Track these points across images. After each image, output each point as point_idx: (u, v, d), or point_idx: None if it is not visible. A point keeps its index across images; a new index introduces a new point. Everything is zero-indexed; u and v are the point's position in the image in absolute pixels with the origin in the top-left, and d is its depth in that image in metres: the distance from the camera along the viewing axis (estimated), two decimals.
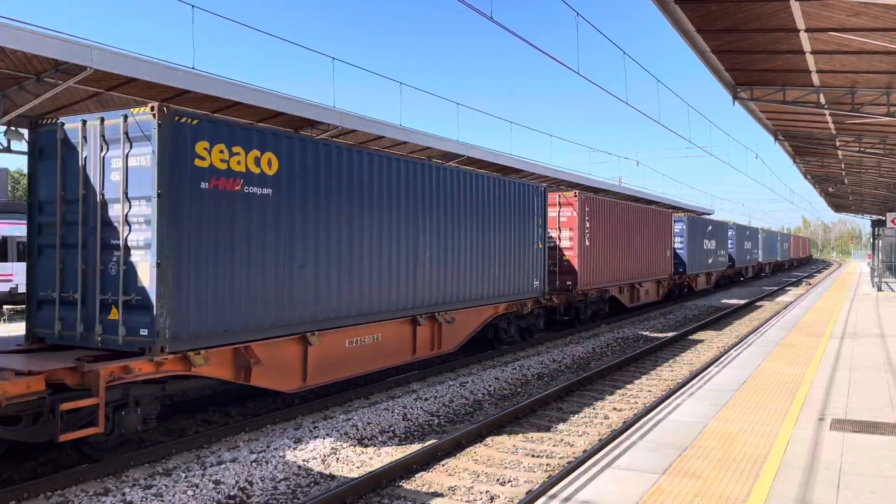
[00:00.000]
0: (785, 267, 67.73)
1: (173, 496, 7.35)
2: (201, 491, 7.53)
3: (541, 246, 17.64)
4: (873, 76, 13.32)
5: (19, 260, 24.35)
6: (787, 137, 21.83)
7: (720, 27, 11.30)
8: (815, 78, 13.78)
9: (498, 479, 8.14)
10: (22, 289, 23.41)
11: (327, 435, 9.58)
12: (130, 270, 8.63)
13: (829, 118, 17.68)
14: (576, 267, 20.11)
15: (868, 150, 21.67)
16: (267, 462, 8.46)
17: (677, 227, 31.25)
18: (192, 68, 12.07)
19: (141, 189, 8.59)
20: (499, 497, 7.60)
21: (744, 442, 7.00)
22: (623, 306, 24.66)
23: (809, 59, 12.45)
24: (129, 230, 8.67)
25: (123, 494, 7.34)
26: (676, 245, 31.19)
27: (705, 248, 34.74)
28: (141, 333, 8.46)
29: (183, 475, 7.96)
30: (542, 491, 7.38)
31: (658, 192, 49.47)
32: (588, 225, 20.82)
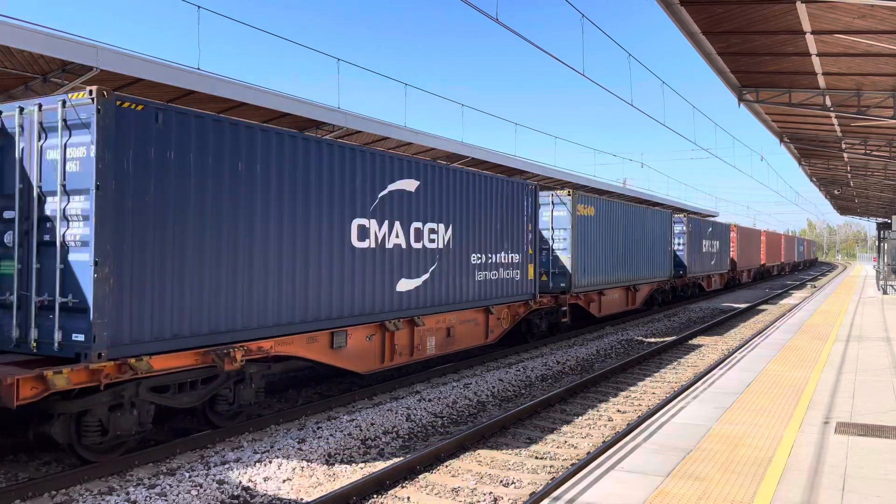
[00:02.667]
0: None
1: (177, 496, 7.36)
2: (205, 491, 7.54)
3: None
4: (879, 78, 13.29)
5: None
6: (793, 140, 21.79)
7: (726, 29, 11.30)
8: (821, 80, 13.76)
9: (501, 481, 8.13)
10: None
11: (331, 435, 9.58)
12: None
13: (835, 120, 17.65)
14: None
15: (874, 153, 21.62)
16: (270, 462, 8.46)
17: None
18: (198, 69, 12.13)
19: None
20: (502, 499, 7.59)
21: (748, 445, 6.99)
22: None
23: (815, 61, 12.43)
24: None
25: (128, 493, 7.36)
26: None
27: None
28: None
29: (187, 475, 7.97)
30: (545, 493, 7.37)
31: (662, 194, 49.41)
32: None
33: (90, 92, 7.60)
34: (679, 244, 30.66)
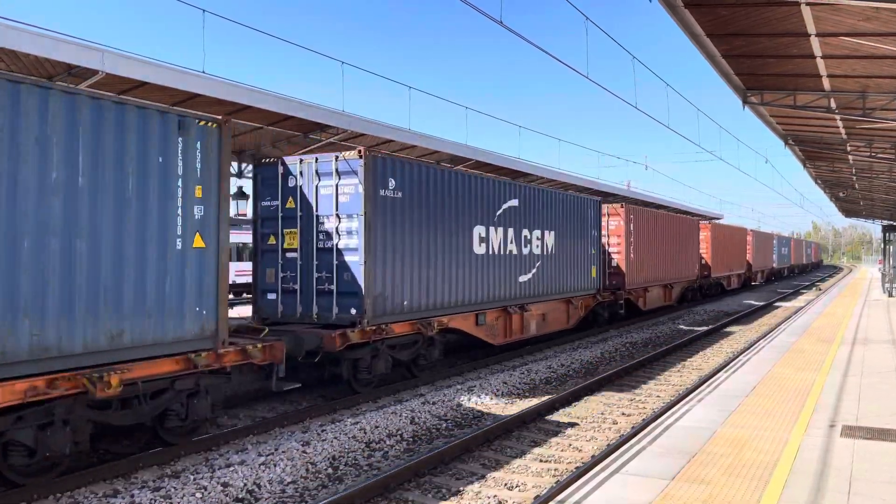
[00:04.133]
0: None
1: (182, 498, 7.37)
2: (210, 493, 7.55)
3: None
4: (884, 80, 13.25)
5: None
6: (798, 142, 21.73)
7: (730, 31, 11.28)
8: (826, 82, 13.73)
9: (506, 484, 8.11)
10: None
11: (335, 438, 9.58)
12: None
13: (839, 123, 17.60)
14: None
15: (879, 155, 21.54)
16: (275, 464, 8.46)
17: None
18: (203, 72, 12.15)
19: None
20: (506, 502, 7.58)
21: (754, 448, 6.96)
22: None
23: (820, 63, 12.40)
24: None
25: (132, 496, 7.37)
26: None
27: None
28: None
29: (191, 477, 7.98)
30: (550, 496, 7.35)
31: (667, 196, 49.40)
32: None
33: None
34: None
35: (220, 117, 9.10)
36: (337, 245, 11.95)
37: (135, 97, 12.45)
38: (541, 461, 9.07)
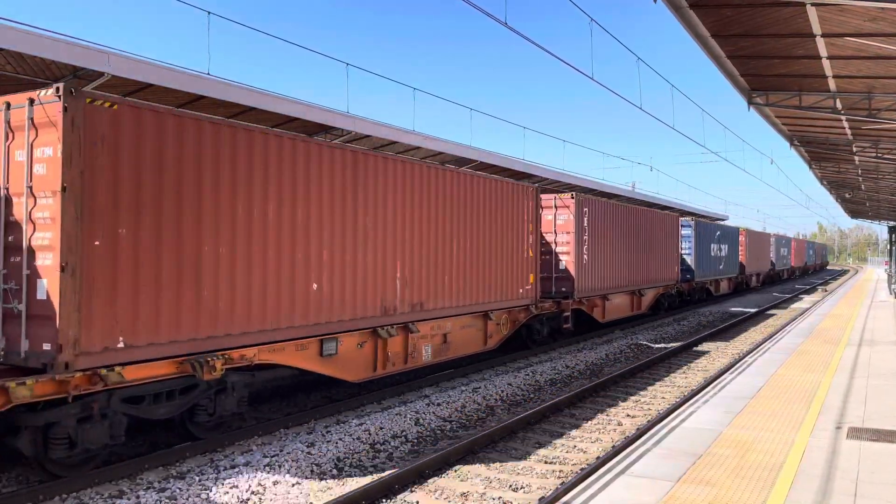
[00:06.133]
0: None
1: (187, 499, 7.38)
2: (215, 494, 7.56)
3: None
4: (890, 81, 13.20)
5: None
6: (803, 143, 21.66)
7: (735, 32, 11.25)
8: (832, 83, 13.68)
9: (510, 486, 8.11)
10: None
11: (340, 439, 9.58)
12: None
13: (845, 124, 17.54)
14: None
15: (885, 156, 21.47)
16: (280, 466, 8.47)
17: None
18: (208, 74, 12.17)
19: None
20: (511, 503, 7.57)
21: (759, 450, 6.94)
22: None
23: (826, 64, 12.36)
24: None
25: (138, 497, 7.38)
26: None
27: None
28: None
29: (196, 478, 7.99)
30: (554, 497, 7.34)
31: (672, 197, 49.31)
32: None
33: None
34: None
35: None
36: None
37: (139, 99, 12.51)
38: (545, 463, 9.06)
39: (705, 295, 34.20)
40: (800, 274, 72.40)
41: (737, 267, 39.23)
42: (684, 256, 30.07)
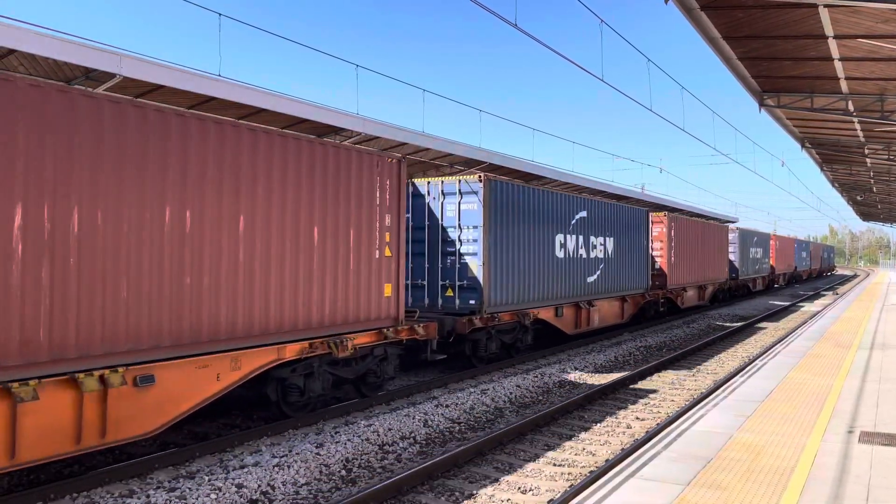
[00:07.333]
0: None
1: (197, 499, 7.41)
2: (224, 494, 7.58)
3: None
4: None
5: None
6: (815, 145, 21.55)
7: (747, 34, 11.21)
8: (844, 85, 13.61)
9: (519, 488, 8.09)
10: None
11: (349, 440, 9.59)
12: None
13: (857, 126, 17.43)
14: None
15: None
16: (289, 466, 8.49)
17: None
18: (219, 75, 12.23)
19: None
20: None
21: (770, 454, 6.90)
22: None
23: (838, 65, 12.29)
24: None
25: (148, 496, 7.41)
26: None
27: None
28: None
29: (206, 478, 8.02)
30: (563, 500, 7.32)
31: (682, 199, 49.41)
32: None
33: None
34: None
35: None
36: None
37: (151, 100, 12.57)
38: (554, 465, 9.03)
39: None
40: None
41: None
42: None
